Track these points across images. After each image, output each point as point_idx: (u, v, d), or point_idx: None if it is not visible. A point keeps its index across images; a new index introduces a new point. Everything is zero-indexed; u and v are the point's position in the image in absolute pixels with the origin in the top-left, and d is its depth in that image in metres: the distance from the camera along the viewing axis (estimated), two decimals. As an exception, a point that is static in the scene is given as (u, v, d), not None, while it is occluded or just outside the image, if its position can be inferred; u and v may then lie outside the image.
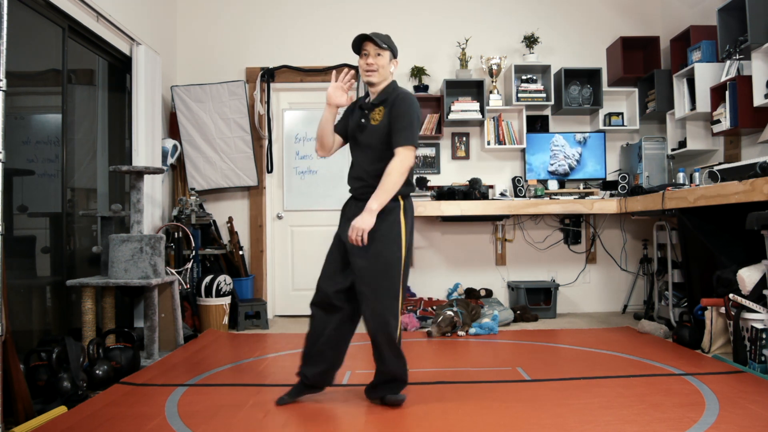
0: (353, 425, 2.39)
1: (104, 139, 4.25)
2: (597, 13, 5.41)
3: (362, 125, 2.61)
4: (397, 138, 2.49)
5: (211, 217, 4.90)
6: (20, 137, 3.37)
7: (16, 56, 3.16)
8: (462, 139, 5.35)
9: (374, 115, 2.58)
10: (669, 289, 4.39)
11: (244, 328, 4.69)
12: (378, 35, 2.57)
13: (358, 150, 2.64)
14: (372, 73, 2.57)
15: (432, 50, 5.34)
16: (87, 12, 3.75)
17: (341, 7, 5.35)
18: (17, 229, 3.28)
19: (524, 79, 5.18)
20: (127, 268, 3.50)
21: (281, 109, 5.38)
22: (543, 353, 3.64)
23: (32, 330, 3.36)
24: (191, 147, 5.00)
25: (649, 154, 4.92)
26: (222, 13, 5.34)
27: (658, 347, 3.68)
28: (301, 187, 5.30)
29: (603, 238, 5.34)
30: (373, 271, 2.49)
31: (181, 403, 2.65)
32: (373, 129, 2.57)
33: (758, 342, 3.07)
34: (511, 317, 4.72)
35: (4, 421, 2.25)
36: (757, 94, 3.74)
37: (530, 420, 2.38)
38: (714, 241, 3.70)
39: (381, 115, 2.56)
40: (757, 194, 3.04)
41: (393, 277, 2.50)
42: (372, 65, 2.56)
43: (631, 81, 5.20)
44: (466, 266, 5.31)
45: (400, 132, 2.49)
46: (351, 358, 2.87)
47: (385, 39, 2.58)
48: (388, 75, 2.61)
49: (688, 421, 2.31)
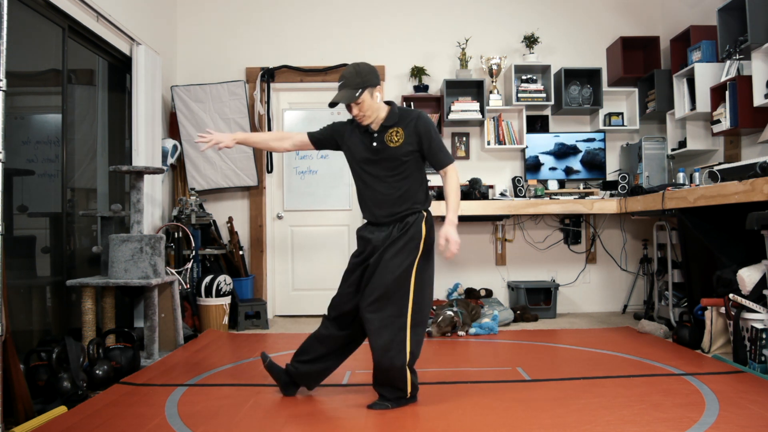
0: (353, 425, 2.39)
1: (104, 139, 4.25)
2: (597, 13, 5.41)
3: (377, 149, 2.58)
4: (441, 159, 2.61)
5: (211, 217, 4.89)
6: (20, 137, 3.37)
7: (16, 56, 3.16)
8: (462, 139, 5.35)
9: (390, 137, 2.57)
10: (669, 289, 4.39)
11: (244, 328, 4.69)
12: (347, 81, 2.51)
13: (374, 176, 2.60)
14: (363, 119, 2.57)
15: (432, 50, 5.34)
16: (87, 12, 3.75)
17: (341, 7, 5.35)
18: (17, 229, 3.28)
19: (524, 79, 5.18)
20: (127, 268, 3.50)
21: (281, 109, 5.38)
22: (543, 353, 3.64)
23: (32, 330, 3.36)
24: (191, 147, 5.00)
25: (649, 154, 4.92)
26: (222, 13, 5.34)
27: (658, 347, 3.68)
28: (301, 187, 5.30)
29: (603, 238, 5.34)
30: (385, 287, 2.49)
31: (181, 403, 2.64)
32: (393, 150, 2.56)
33: (758, 342, 3.07)
34: (511, 317, 4.72)
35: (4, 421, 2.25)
36: (757, 94, 3.74)
37: (530, 420, 2.38)
38: (714, 241, 3.70)
39: (400, 136, 2.56)
40: (757, 194, 3.04)
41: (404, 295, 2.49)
42: (358, 115, 2.56)
43: (631, 81, 5.20)
44: (466, 266, 5.31)
45: (439, 153, 2.61)
46: (351, 358, 2.86)
47: (355, 81, 2.51)
48: (379, 107, 2.58)
49: (688, 421, 2.31)
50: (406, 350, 2.48)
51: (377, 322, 2.48)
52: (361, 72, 2.52)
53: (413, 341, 2.51)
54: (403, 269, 2.49)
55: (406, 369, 2.50)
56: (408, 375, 2.51)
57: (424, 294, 2.56)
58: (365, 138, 2.61)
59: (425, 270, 2.57)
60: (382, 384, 2.57)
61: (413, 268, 2.51)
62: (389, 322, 2.48)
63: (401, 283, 2.49)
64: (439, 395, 2.72)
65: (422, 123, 2.57)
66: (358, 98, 2.49)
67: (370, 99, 2.53)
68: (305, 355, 2.70)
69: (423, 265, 2.55)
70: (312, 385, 2.78)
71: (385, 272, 2.49)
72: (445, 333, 4.19)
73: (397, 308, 2.49)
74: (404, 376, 2.51)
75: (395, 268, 2.49)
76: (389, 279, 2.48)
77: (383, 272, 2.49)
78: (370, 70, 2.56)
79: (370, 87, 2.53)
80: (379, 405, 2.54)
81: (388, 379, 2.53)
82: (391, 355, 2.46)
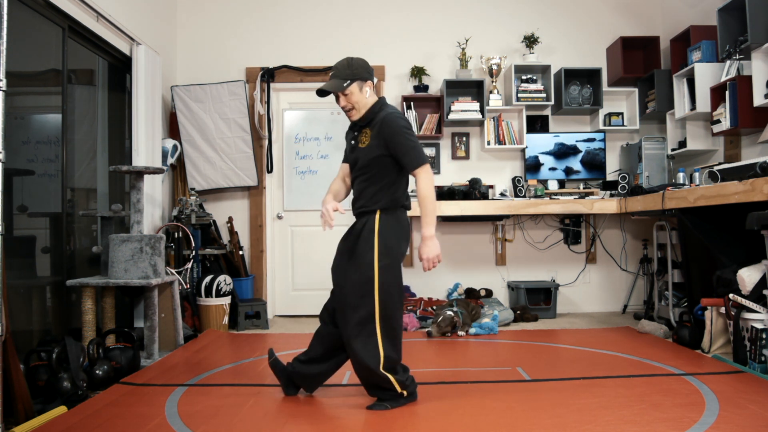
0: (353, 425, 2.38)
1: (104, 139, 4.25)
2: (597, 13, 5.41)
3: (353, 147, 2.62)
4: (408, 162, 2.51)
5: (211, 217, 4.89)
6: (20, 137, 3.37)
7: (16, 56, 3.16)
8: (462, 139, 5.35)
9: (362, 137, 2.58)
10: (669, 289, 4.39)
11: (244, 328, 4.69)
12: (337, 72, 2.53)
13: (352, 171, 2.65)
14: (351, 112, 2.58)
15: (432, 50, 5.34)
16: (87, 12, 3.75)
17: (341, 7, 5.35)
18: (17, 229, 3.28)
19: (524, 79, 5.18)
20: (127, 268, 3.50)
21: (281, 109, 5.38)
22: (543, 353, 3.64)
23: (32, 330, 3.36)
24: (191, 147, 5.00)
25: (649, 154, 4.92)
26: (222, 13, 5.34)
27: (658, 347, 3.68)
28: (301, 187, 5.30)
29: (603, 238, 5.34)
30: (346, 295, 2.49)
31: (181, 403, 2.65)
32: (361, 151, 2.57)
33: (758, 342, 3.07)
34: (511, 317, 4.72)
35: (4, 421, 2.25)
36: (757, 94, 3.74)
37: (530, 420, 2.38)
38: (714, 241, 3.70)
39: (368, 137, 2.56)
40: (757, 194, 3.04)
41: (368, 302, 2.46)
42: (346, 106, 2.56)
43: (631, 81, 5.20)
44: (466, 266, 5.31)
45: (406, 156, 2.50)
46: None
47: (345, 73, 2.52)
48: (367, 102, 2.58)
49: (688, 421, 2.31)
50: (379, 355, 2.45)
51: (345, 332, 2.50)
52: (353, 65, 2.55)
53: (386, 345, 2.47)
54: (362, 273, 2.46)
55: (383, 373, 2.47)
56: (390, 377, 2.49)
57: (391, 293, 2.48)
58: (352, 135, 2.67)
59: (389, 270, 2.48)
60: (370, 388, 2.57)
61: (374, 271, 2.46)
62: (357, 331, 2.46)
63: (364, 288, 2.46)
64: (439, 395, 2.72)
65: (386, 126, 2.51)
66: (346, 89, 2.51)
67: (359, 92, 2.53)
68: (304, 354, 2.70)
69: (385, 265, 2.47)
70: (310, 388, 2.76)
71: (344, 281, 2.50)
72: (445, 333, 4.19)
73: (363, 314, 2.46)
74: (385, 379, 2.49)
75: (353, 273, 2.48)
76: (349, 287, 2.48)
77: (343, 280, 2.51)
78: (362, 64, 2.58)
79: (360, 80, 2.54)
80: (377, 406, 2.54)
81: (372, 384, 2.54)
82: (365, 363, 2.45)
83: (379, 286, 2.46)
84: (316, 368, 2.69)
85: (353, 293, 2.48)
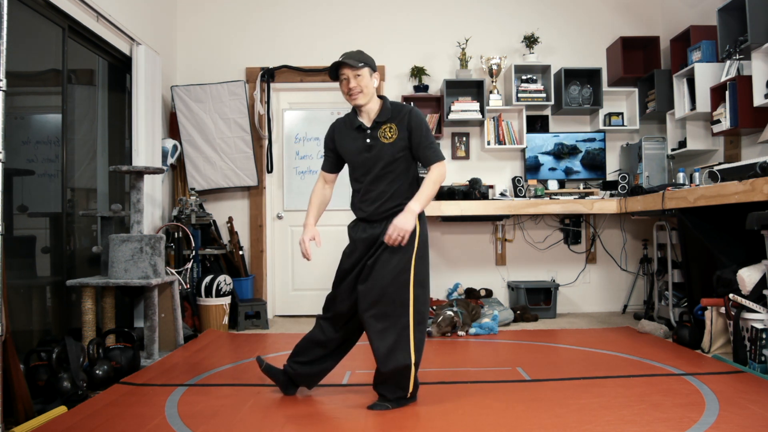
0: (353, 425, 2.38)
1: (104, 139, 4.25)
2: (597, 13, 5.41)
3: (370, 145, 2.57)
4: (430, 156, 2.56)
5: (211, 217, 4.90)
6: (20, 137, 3.37)
7: (16, 56, 3.16)
8: (462, 139, 5.35)
9: (384, 133, 2.56)
10: (669, 289, 4.39)
11: (244, 328, 4.69)
12: (351, 55, 2.55)
13: (366, 173, 2.59)
14: (357, 95, 2.55)
15: (432, 50, 5.34)
16: (87, 12, 3.75)
17: (341, 7, 5.35)
18: (17, 229, 3.28)
19: (524, 79, 5.18)
20: (127, 268, 3.50)
21: (281, 109, 5.38)
22: (543, 353, 3.64)
23: (32, 330, 3.36)
24: (191, 147, 5.00)
25: (649, 154, 4.92)
26: (222, 13, 5.34)
27: (658, 347, 3.68)
28: (301, 187, 5.30)
29: (603, 238, 5.34)
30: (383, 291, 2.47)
31: (181, 403, 2.65)
32: (387, 147, 2.55)
33: (758, 342, 3.07)
34: (511, 317, 4.72)
35: (4, 421, 2.25)
36: (757, 94, 3.74)
37: (530, 420, 2.38)
38: (714, 241, 3.70)
39: (393, 132, 2.55)
40: (757, 194, 3.04)
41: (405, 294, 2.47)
42: (355, 88, 2.54)
43: (631, 81, 5.20)
44: (466, 266, 5.31)
45: (429, 149, 2.56)
46: (351, 359, 2.87)
47: (359, 57, 2.55)
48: (373, 91, 2.58)
49: (688, 421, 2.31)
50: (410, 349, 2.47)
51: (380, 325, 2.47)
52: (364, 54, 2.61)
53: (417, 339, 2.50)
54: (401, 267, 2.48)
55: (412, 368, 2.49)
56: (413, 374, 2.51)
57: (424, 290, 2.55)
58: (359, 135, 2.60)
59: (423, 266, 2.55)
60: (385, 384, 2.56)
61: (411, 265, 2.50)
62: (392, 323, 2.47)
63: (401, 282, 2.48)
64: (439, 395, 2.72)
65: (414, 118, 2.56)
66: (360, 69, 2.52)
67: (369, 78, 2.56)
68: (303, 356, 2.70)
69: (420, 262, 2.53)
70: (311, 384, 2.78)
71: (383, 272, 2.48)
72: (445, 333, 4.19)
73: (399, 308, 2.47)
74: (410, 375, 2.50)
75: (393, 268, 2.48)
76: (388, 279, 2.47)
77: (381, 272, 2.48)
78: (371, 57, 2.64)
79: (370, 69, 2.58)
80: (379, 405, 2.54)
81: (394, 381, 2.52)
82: (397, 357, 2.45)
83: (415, 281, 2.50)
84: (318, 367, 2.70)
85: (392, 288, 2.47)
